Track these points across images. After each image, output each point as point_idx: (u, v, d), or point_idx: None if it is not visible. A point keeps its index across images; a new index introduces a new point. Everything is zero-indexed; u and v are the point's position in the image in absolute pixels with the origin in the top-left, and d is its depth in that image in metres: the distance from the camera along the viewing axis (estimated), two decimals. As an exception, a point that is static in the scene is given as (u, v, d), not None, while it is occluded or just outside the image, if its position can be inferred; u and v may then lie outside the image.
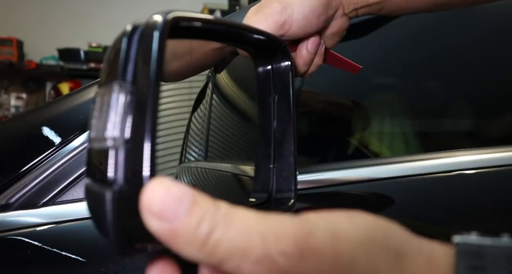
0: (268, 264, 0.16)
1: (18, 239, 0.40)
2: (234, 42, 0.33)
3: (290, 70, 0.34)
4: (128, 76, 0.21)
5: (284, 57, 0.34)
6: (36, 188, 0.43)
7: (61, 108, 0.50)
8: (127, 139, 0.20)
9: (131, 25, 0.22)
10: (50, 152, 0.45)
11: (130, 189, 0.20)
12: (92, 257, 0.39)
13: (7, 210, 0.42)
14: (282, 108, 0.34)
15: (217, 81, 0.58)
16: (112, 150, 0.20)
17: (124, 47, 0.22)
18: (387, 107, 0.61)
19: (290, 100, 0.33)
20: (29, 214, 0.42)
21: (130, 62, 0.21)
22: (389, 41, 0.62)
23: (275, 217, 0.17)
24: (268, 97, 0.34)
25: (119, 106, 0.21)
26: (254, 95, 0.36)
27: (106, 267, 0.38)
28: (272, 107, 0.34)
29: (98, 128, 0.22)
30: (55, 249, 0.39)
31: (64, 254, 0.39)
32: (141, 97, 0.20)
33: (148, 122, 0.20)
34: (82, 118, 0.48)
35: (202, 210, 0.17)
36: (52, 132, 0.47)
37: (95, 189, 0.21)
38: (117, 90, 0.21)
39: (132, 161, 0.20)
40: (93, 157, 0.22)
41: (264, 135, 0.34)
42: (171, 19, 0.22)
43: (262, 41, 0.32)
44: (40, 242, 0.40)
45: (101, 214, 0.20)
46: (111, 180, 0.20)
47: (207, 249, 0.16)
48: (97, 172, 0.22)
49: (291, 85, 0.34)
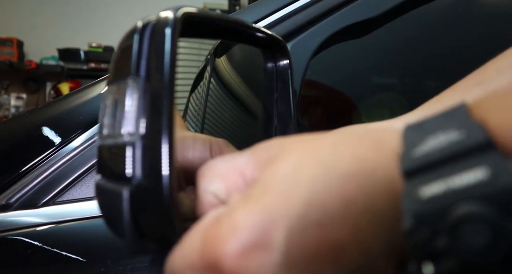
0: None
1: (18, 239, 0.40)
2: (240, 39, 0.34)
3: (288, 69, 0.35)
4: (142, 72, 0.21)
5: (283, 56, 0.35)
6: (36, 188, 0.43)
7: (61, 108, 0.50)
8: (144, 134, 0.20)
9: (142, 22, 0.22)
10: (50, 152, 0.45)
11: (148, 185, 0.20)
12: (92, 257, 0.39)
13: (7, 210, 0.42)
14: (283, 106, 0.34)
15: (216, 66, 0.57)
16: (129, 146, 0.20)
17: (136, 44, 0.22)
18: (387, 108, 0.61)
19: (290, 98, 0.34)
20: (29, 214, 0.42)
21: (143, 58, 0.21)
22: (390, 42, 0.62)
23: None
24: (271, 94, 0.35)
25: (135, 101, 0.21)
26: (252, 85, 0.36)
27: (106, 267, 0.38)
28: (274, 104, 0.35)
29: (112, 125, 0.22)
30: (55, 249, 0.39)
31: (64, 254, 0.39)
32: (156, 92, 0.20)
33: (165, 117, 0.20)
34: (82, 118, 0.48)
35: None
36: (52, 132, 0.47)
37: (109, 187, 0.21)
38: (132, 85, 0.21)
39: (150, 156, 0.20)
40: (106, 154, 0.22)
41: (266, 132, 0.34)
42: (182, 15, 0.22)
43: (263, 39, 0.33)
44: (40, 242, 0.40)
45: (117, 211, 0.20)
46: (129, 176, 0.20)
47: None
48: (111, 169, 0.21)
49: (290, 84, 0.34)
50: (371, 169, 0.18)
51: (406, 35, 0.61)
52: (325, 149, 0.19)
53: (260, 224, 0.17)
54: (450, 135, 0.16)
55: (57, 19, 3.20)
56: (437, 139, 0.16)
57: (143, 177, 0.20)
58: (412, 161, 0.16)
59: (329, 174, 0.18)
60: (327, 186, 0.17)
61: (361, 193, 0.17)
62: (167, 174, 0.19)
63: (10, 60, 3.00)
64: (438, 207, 0.14)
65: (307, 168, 0.18)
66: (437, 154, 0.16)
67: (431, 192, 0.15)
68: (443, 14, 0.56)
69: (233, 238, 0.17)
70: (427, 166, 0.16)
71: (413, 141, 0.17)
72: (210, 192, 0.22)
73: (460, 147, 0.15)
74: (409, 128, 0.18)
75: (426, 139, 0.16)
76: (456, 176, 0.15)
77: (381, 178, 0.18)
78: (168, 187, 0.19)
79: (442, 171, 0.15)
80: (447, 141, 0.16)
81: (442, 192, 0.14)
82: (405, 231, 0.15)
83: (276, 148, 0.21)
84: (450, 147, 0.15)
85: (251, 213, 0.17)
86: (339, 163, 0.18)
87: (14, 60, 3.03)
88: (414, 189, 0.15)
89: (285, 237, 0.17)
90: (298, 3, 0.54)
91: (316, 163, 0.18)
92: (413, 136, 0.17)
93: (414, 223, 0.15)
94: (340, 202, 0.17)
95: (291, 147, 0.20)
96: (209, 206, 0.22)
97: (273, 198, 0.18)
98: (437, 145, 0.16)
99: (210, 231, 0.18)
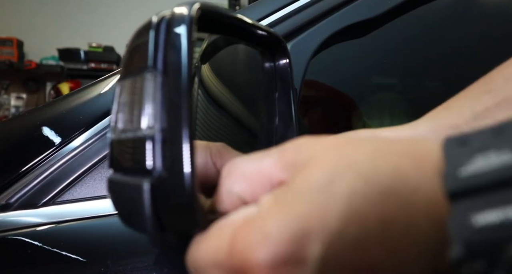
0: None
1: (18, 239, 0.40)
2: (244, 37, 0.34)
3: (288, 68, 0.35)
4: (159, 65, 0.21)
5: (283, 55, 0.35)
6: (36, 188, 0.43)
7: (61, 108, 0.50)
8: (164, 127, 0.20)
9: (156, 17, 0.22)
10: (50, 152, 0.45)
11: (170, 177, 0.20)
12: (92, 257, 0.39)
13: (7, 210, 0.42)
14: (283, 105, 0.34)
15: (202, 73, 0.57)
16: (149, 139, 0.20)
17: (152, 39, 0.22)
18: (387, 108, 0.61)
19: (290, 97, 0.34)
20: (29, 214, 0.42)
21: (160, 53, 0.21)
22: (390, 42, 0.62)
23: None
24: (272, 94, 0.35)
25: (153, 95, 0.21)
26: (238, 91, 0.36)
27: (106, 267, 0.38)
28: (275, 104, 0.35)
29: (129, 119, 0.22)
30: (55, 249, 0.39)
31: (64, 254, 0.39)
32: (174, 86, 0.20)
33: (184, 110, 0.20)
34: (82, 118, 0.48)
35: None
36: (52, 132, 0.47)
37: (126, 180, 0.21)
38: (150, 79, 0.21)
39: (171, 148, 0.20)
40: (122, 148, 0.22)
41: (267, 132, 0.35)
42: (197, 10, 0.22)
43: (265, 37, 0.33)
44: (40, 242, 0.40)
45: (136, 205, 0.20)
46: (149, 168, 0.20)
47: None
48: (128, 163, 0.21)
49: (290, 83, 0.34)
50: (412, 187, 0.17)
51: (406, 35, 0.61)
52: (364, 159, 0.18)
53: (294, 235, 0.16)
54: (504, 157, 0.14)
55: (57, 19, 3.20)
56: (488, 159, 0.15)
57: (164, 169, 0.20)
58: (459, 181, 0.15)
59: (369, 188, 0.16)
60: (366, 201, 0.16)
61: (401, 212, 0.16)
62: (188, 165, 0.19)
63: (10, 60, 3.00)
64: (495, 238, 0.13)
65: (345, 178, 0.17)
66: (489, 175, 0.14)
67: (486, 220, 0.13)
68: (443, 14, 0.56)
69: (265, 247, 0.16)
70: (477, 189, 0.14)
71: (458, 158, 0.15)
72: (235, 193, 0.21)
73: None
74: (450, 142, 0.17)
75: (474, 158, 0.15)
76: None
77: (422, 196, 0.16)
78: (190, 178, 0.19)
79: (497, 196, 0.14)
80: (501, 162, 0.14)
81: (499, 222, 0.13)
82: (453, 260, 0.14)
83: (306, 150, 0.20)
84: (505, 169, 0.14)
85: (284, 221, 0.16)
86: (380, 177, 0.17)
87: (14, 60, 3.03)
88: (464, 214, 0.14)
89: (320, 253, 0.16)
90: (298, 3, 0.54)
91: (354, 174, 0.17)
92: (458, 153, 0.16)
93: (465, 252, 0.13)
94: (379, 219, 0.16)
95: (324, 152, 0.19)
96: (233, 206, 0.21)
97: (307, 208, 0.16)
98: (489, 166, 0.14)
99: (240, 234, 0.18)
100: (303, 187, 0.17)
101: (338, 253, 0.16)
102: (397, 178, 0.17)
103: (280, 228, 0.16)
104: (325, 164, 0.18)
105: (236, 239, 0.18)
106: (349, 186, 0.17)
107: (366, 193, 0.16)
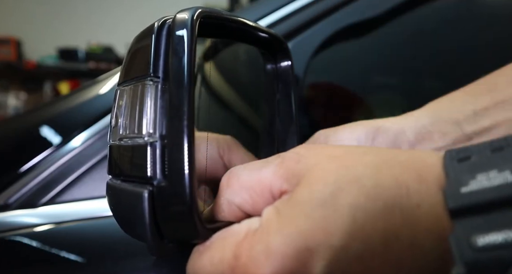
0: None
1: (18, 239, 0.40)
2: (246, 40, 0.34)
3: (290, 70, 0.35)
4: (160, 72, 0.21)
5: (285, 57, 0.35)
6: (36, 188, 0.43)
7: (60, 108, 0.50)
8: (164, 135, 0.20)
9: (158, 22, 0.22)
10: (50, 152, 0.45)
11: (170, 186, 0.19)
12: (92, 257, 0.39)
13: (6, 210, 0.42)
14: (285, 107, 0.34)
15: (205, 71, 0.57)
16: (150, 146, 0.20)
17: (154, 44, 0.22)
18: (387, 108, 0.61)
19: (292, 99, 0.34)
20: (29, 214, 0.42)
21: (161, 59, 0.21)
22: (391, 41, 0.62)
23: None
24: (273, 95, 0.35)
25: (154, 101, 0.21)
26: (241, 89, 0.36)
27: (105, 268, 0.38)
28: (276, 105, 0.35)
29: (129, 125, 0.21)
30: (55, 249, 0.39)
31: (63, 255, 0.39)
32: (176, 92, 0.20)
33: (185, 117, 0.20)
34: (82, 118, 0.48)
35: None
36: (52, 132, 0.47)
37: (125, 187, 0.21)
38: (150, 85, 0.21)
39: (171, 157, 0.20)
40: (121, 154, 0.22)
41: (269, 134, 0.35)
42: (198, 15, 0.22)
43: (267, 39, 0.33)
44: (40, 242, 0.40)
45: (135, 212, 0.20)
46: (150, 176, 0.20)
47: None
48: (127, 170, 0.21)
49: (291, 85, 0.34)
50: (416, 202, 0.16)
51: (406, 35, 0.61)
52: (366, 172, 0.17)
53: (298, 251, 0.16)
54: (504, 176, 0.14)
55: (56, 19, 3.19)
56: (488, 179, 0.15)
57: (164, 177, 0.20)
58: (461, 198, 0.15)
59: (372, 203, 0.16)
60: (369, 217, 0.16)
61: (405, 227, 0.16)
62: (188, 175, 0.19)
63: (9, 60, 3.00)
64: (496, 258, 0.13)
65: (348, 192, 0.17)
66: (490, 195, 0.14)
67: (487, 240, 0.13)
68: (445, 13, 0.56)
69: (270, 263, 0.16)
70: (478, 207, 0.14)
71: (460, 177, 0.15)
72: (235, 203, 0.21)
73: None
74: (450, 157, 0.17)
75: (475, 176, 0.15)
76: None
77: (425, 212, 0.16)
78: (190, 187, 0.19)
79: (499, 216, 0.14)
80: (503, 181, 0.14)
81: (499, 242, 0.13)
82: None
83: (307, 160, 0.19)
84: (506, 189, 0.14)
85: (288, 237, 0.16)
86: (384, 191, 0.17)
87: (13, 59, 3.02)
88: (466, 232, 0.14)
89: (324, 269, 0.16)
90: (298, 3, 0.54)
91: (357, 189, 0.17)
92: (459, 171, 0.16)
93: (467, 272, 0.13)
94: (383, 235, 0.16)
95: (325, 162, 0.19)
96: (233, 217, 0.21)
97: (311, 223, 0.16)
98: (490, 185, 0.14)
99: (243, 247, 0.18)
100: (306, 200, 0.17)
101: (341, 269, 0.16)
102: (401, 192, 0.17)
103: (284, 244, 0.16)
104: (327, 175, 0.18)
105: (239, 252, 0.18)
106: (352, 200, 0.16)
107: (369, 208, 0.16)
